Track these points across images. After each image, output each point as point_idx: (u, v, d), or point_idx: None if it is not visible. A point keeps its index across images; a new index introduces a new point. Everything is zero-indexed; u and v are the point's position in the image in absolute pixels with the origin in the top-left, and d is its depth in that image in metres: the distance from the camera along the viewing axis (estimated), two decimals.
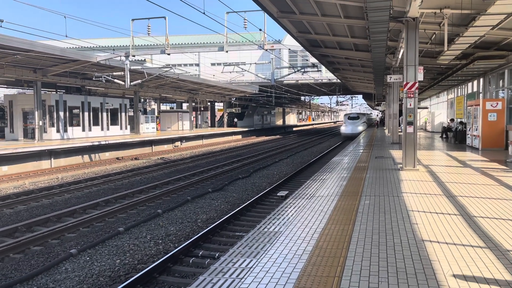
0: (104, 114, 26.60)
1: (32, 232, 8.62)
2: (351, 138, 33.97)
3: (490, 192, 7.29)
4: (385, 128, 38.93)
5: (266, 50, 19.55)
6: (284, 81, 42.42)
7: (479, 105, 14.89)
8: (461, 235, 4.80)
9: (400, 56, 15.41)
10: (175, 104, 54.47)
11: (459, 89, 26.09)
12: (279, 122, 68.80)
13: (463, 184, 8.14)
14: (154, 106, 46.52)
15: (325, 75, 43.03)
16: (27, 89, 26.56)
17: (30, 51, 16.45)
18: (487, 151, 14.24)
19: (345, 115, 40.85)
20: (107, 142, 22.22)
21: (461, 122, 19.55)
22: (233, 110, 47.65)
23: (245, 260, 4.19)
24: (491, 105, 14.56)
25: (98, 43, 52.70)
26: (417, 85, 10.09)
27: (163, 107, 51.46)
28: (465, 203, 6.42)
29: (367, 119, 47.41)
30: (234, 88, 37.10)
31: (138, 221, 9.18)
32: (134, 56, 20.15)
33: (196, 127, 42.51)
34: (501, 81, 17.51)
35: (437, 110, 31.54)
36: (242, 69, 34.11)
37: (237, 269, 3.97)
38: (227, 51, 19.02)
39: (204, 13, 12.84)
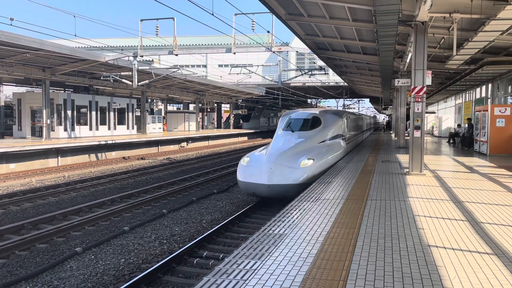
0: (111, 113, 26.74)
1: (38, 229, 8.66)
2: (270, 197, 9.94)
3: (498, 198, 7.22)
4: (391, 132, 38.76)
5: (274, 52, 19.52)
6: (291, 84, 42.39)
7: (487, 110, 14.78)
8: (467, 241, 4.75)
9: (408, 60, 15.34)
10: (181, 105, 54.65)
11: (467, 94, 25.93)
12: None
13: (470, 190, 8.07)
14: (161, 106, 46.67)
15: (332, 78, 42.93)
16: (36, 87, 26.77)
17: (40, 50, 16.59)
18: (495, 157, 14.11)
19: (284, 115, 13.16)
20: (113, 142, 22.33)
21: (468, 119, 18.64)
22: (240, 112, 47.72)
23: (249, 262, 4.18)
24: (500, 111, 14.44)
25: (106, 43, 52.96)
26: (425, 89, 10.03)
27: (170, 107, 51.63)
28: (472, 209, 6.37)
29: (358, 124, 21.29)
30: (241, 89, 37.16)
31: (143, 220, 9.20)
32: (142, 56, 20.21)
33: (202, 128, 42.59)
34: (510, 87, 17.38)
35: (445, 115, 31.35)
36: (249, 70, 34.13)
37: (241, 270, 3.96)
38: (234, 53, 18.96)
39: (212, 14, 12.86)
